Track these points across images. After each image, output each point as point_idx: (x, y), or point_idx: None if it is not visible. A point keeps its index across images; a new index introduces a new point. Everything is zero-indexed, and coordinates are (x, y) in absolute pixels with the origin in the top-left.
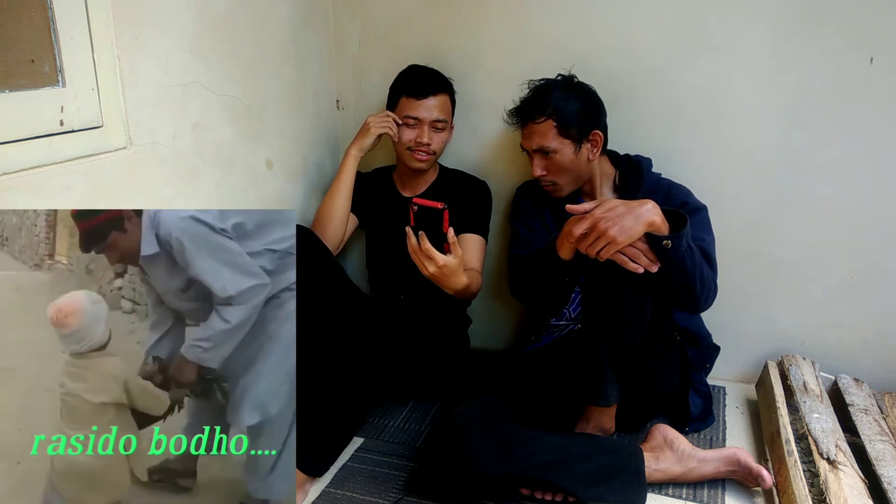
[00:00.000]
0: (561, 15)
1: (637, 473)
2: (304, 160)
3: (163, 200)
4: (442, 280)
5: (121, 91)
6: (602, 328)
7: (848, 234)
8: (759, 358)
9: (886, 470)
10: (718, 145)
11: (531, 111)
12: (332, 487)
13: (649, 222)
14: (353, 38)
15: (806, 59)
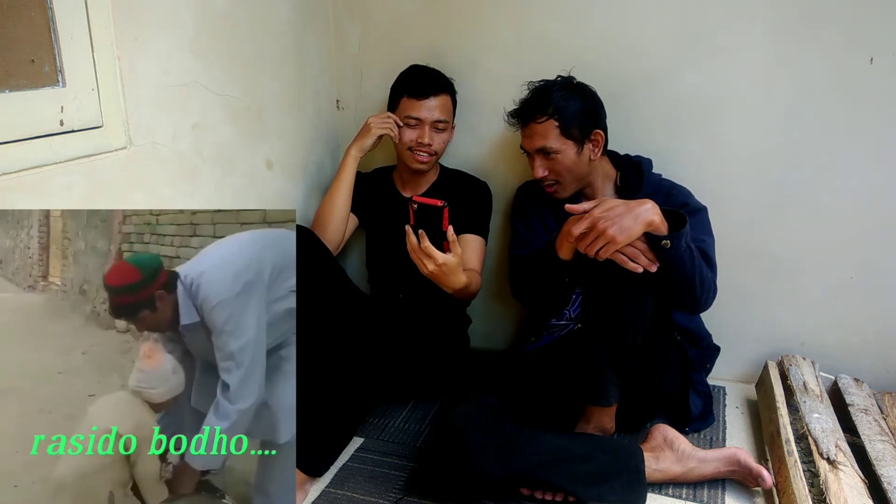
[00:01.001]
0: (561, 15)
1: (637, 473)
2: (304, 160)
3: (163, 200)
4: (441, 279)
5: (121, 91)
6: (602, 328)
7: (848, 234)
8: (759, 358)
9: (886, 470)
10: (718, 145)
11: (532, 111)
12: (332, 487)
13: (648, 222)
14: (353, 38)
15: (806, 60)
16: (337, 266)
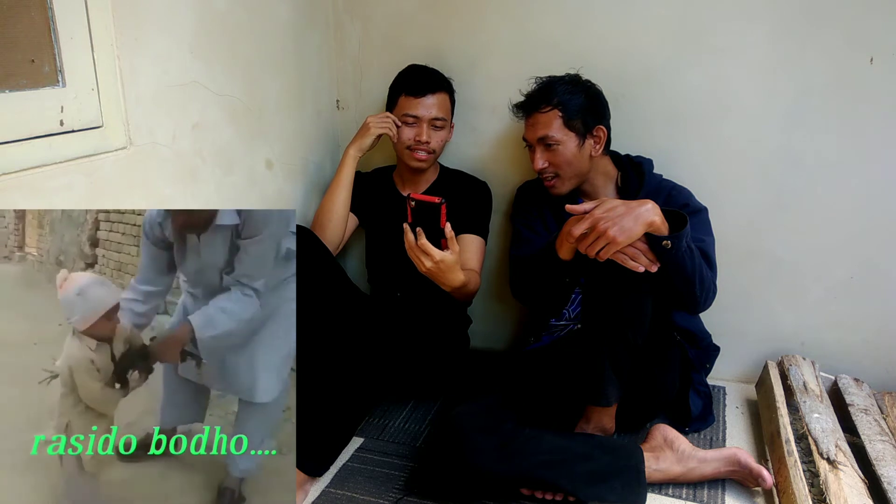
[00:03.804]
0: (561, 15)
1: (637, 473)
2: (304, 160)
3: (163, 200)
4: (439, 276)
5: (121, 91)
6: (602, 328)
7: (848, 234)
8: (759, 358)
9: (886, 470)
10: (719, 145)
11: (537, 101)
12: (332, 487)
13: (649, 222)
14: (353, 38)
15: (806, 59)
16: (336, 266)
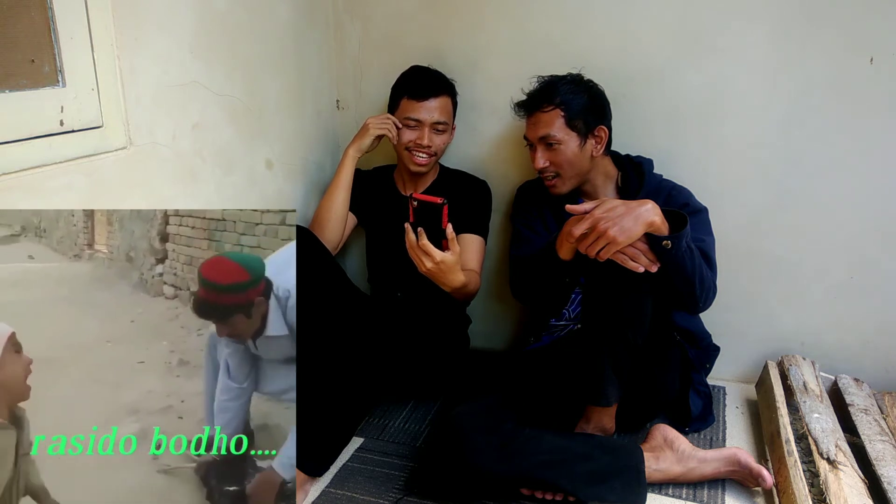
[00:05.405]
0: (561, 15)
1: (637, 473)
2: (304, 160)
3: (163, 200)
4: (439, 277)
5: (121, 91)
6: (602, 328)
7: (848, 233)
8: (759, 358)
9: (886, 470)
10: (719, 145)
11: (539, 101)
12: (332, 487)
13: (649, 222)
14: (353, 38)
15: (806, 60)
16: (336, 266)
